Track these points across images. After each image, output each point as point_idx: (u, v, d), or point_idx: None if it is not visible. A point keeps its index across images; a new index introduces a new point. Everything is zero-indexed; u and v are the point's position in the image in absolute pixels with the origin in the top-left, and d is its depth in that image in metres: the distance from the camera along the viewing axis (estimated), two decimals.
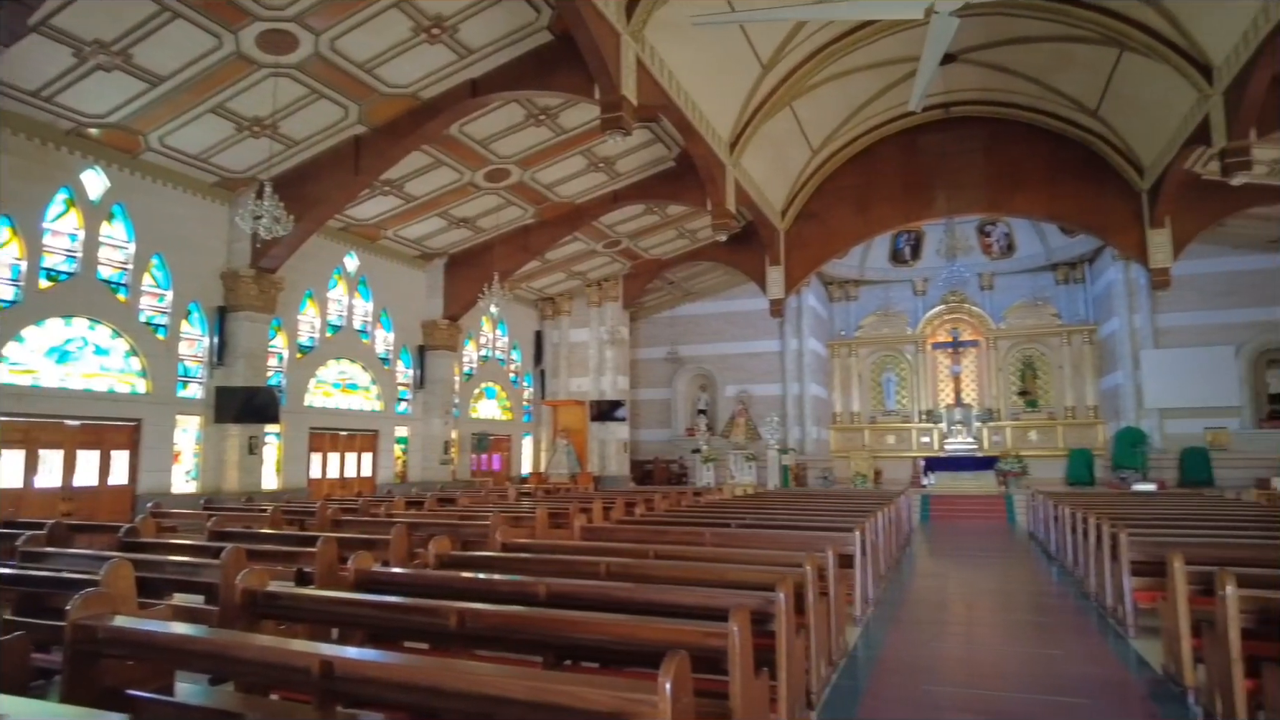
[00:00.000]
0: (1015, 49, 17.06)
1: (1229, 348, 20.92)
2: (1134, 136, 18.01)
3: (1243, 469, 19.93)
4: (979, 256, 25.77)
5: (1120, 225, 19.09)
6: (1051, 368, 24.63)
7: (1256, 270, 20.95)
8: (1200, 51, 13.76)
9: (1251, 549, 6.20)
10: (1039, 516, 13.86)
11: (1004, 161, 19.99)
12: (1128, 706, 5.13)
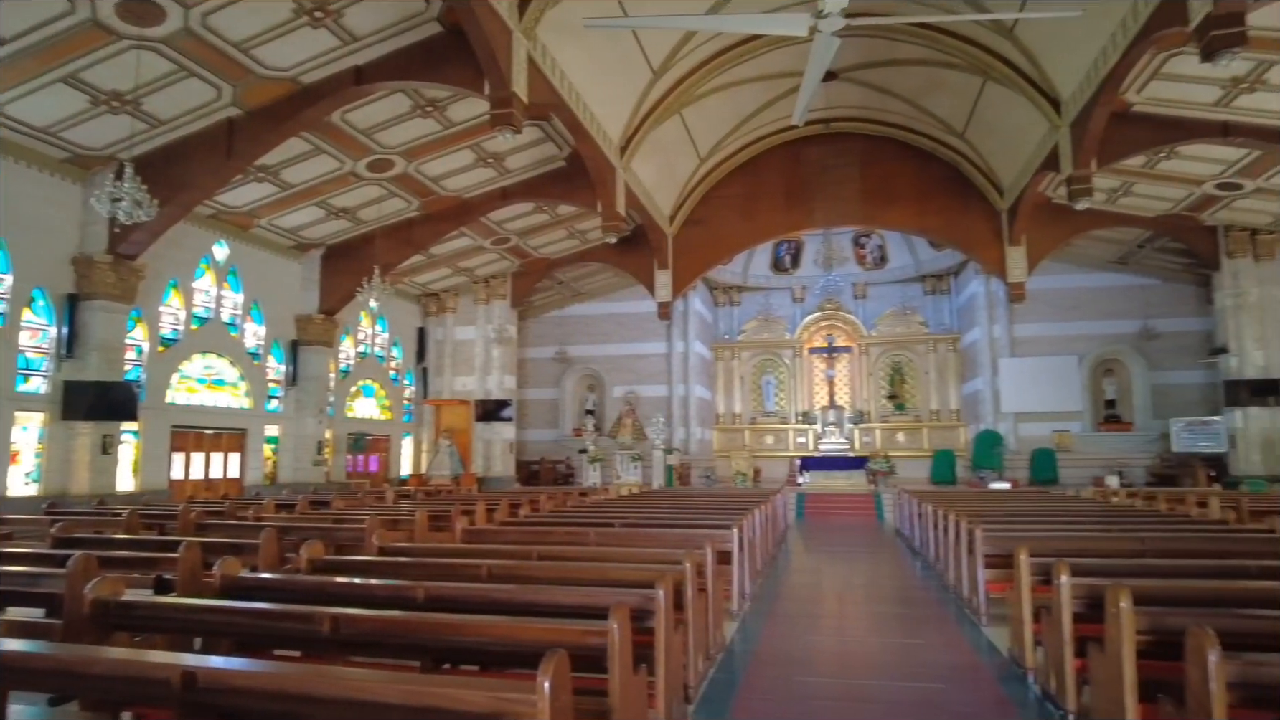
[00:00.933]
0: (892, 71, 18.03)
1: (1073, 357, 22.80)
2: (995, 159, 19.37)
3: (1083, 468, 21.77)
4: (854, 267, 27.04)
5: (982, 241, 20.50)
6: (918, 373, 26.12)
7: (1098, 287, 22.94)
8: (1051, 86, 14.96)
9: (1085, 541, 6.81)
10: (905, 514, 14.67)
11: (879, 177, 21.08)
12: (978, 689, 5.52)
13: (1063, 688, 4.51)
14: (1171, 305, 22.34)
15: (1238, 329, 19.63)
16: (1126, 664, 3.47)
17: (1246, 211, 18.54)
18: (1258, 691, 2.76)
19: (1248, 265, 19.50)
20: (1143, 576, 4.66)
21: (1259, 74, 12.78)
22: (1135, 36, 11.62)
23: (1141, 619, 3.51)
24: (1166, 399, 22.17)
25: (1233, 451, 19.78)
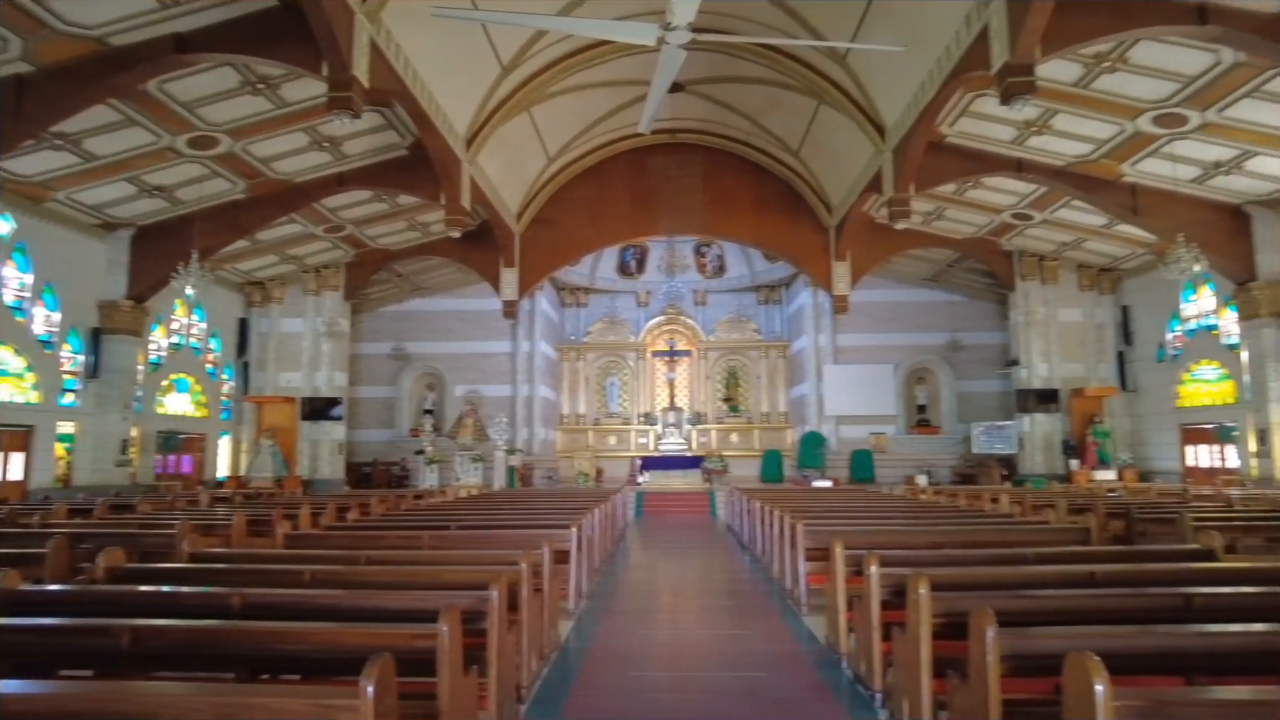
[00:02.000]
0: (735, 87, 18.80)
1: (890, 365, 24.72)
2: (826, 178, 20.63)
3: (897, 468, 23.61)
4: (695, 274, 27.97)
5: (811, 255, 21.78)
6: (751, 377, 27.37)
7: (913, 302, 24.99)
8: (877, 113, 16.14)
9: (895, 534, 7.40)
10: (736, 511, 15.33)
11: (720, 189, 21.89)
12: (796, 675, 5.87)
13: (871, 670, 4.90)
14: (975, 320, 24.71)
15: (1027, 343, 22.01)
16: (924, 644, 3.83)
17: (1036, 239, 20.84)
18: (1028, 661, 3.13)
19: (1036, 287, 21.92)
20: (940, 566, 5.14)
21: (1046, 119, 14.41)
22: (948, 75, 12.76)
23: (937, 603, 3.87)
24: (969, 405, 24.49)
25: (1021, 453, 22.14)
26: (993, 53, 10.91)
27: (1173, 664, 3.45)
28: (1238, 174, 15.10)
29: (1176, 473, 19.69)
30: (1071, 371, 21.89)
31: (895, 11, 13.18)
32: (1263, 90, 12.37)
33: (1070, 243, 20.57)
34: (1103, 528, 9.15)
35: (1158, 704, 2.32)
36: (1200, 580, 4.55)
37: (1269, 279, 16.05)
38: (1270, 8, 10.54)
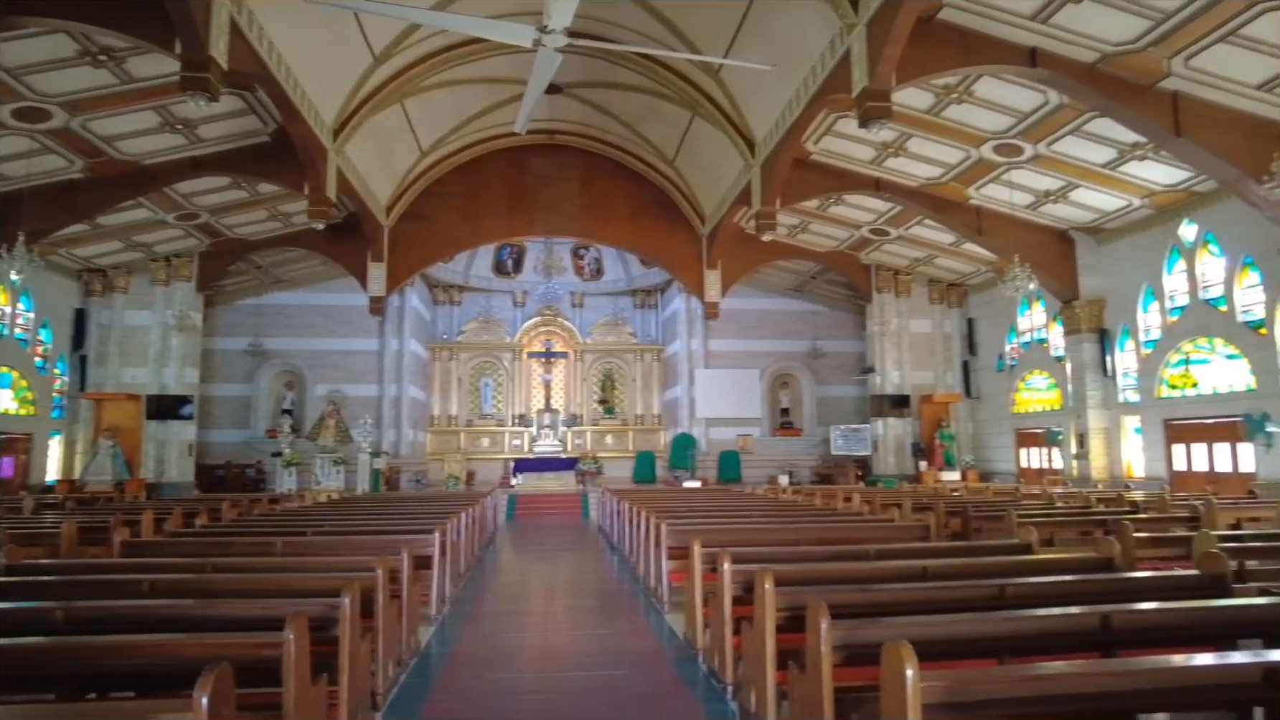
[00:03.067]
0: (613, 93, 19.01)
1: (756, 370, 25.66)
2: (699, 188, 21.20)
3: (762, 468, 24.52)
4: (572, 276, 28.04)
5: (685, 263, 22.32)
6: (627, 380, 27.71)
7: (779, 310, 26.06)
8: (748, 128, 16.75)
9: (752, 532, 7.74)
10: (607, 512, 15.49)
11: (597, 193, 22.07)
12: (655, 671, 6.04)
13: (724, 663, 5.12)
14: (835, 329, 26.03)
15: (882, 352, 23.37)
16: (768, 637, 4.05)
17: (892, 254, 22.19)
18: (860, 650, 3.38)
19: (891, 299, 23.33)
20: (790, 562, 5.44)
21: (902, 142, 15.41)
22: (814, 95, 13.44)
23: (782, 598, 4.11)
24: (829, 409, 25.76)
25: (875, 454, 23.50)
26: (854, 77, 11.57)
27: (988, 647, 3.82)
28: (1064, 203, 16.66)
29: (1012, 473, 21.45)
30: (921, 379, 23.44)
31: (766, 32, 13.74)
32: (1083, 130, 13.73)
33: (922, 259, 22.03)
34: (943, 525, 9.91)
35: (959, 684, 2.58)
36: (1013, 572, 5.04)
37: (1089, 298, 17.79)
38: (1087, 57, 11.73)
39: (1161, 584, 4.83)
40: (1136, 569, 6.68)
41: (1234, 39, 10.79)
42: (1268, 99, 11.72)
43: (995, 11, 11.32)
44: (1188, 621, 3.92)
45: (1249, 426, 14.00)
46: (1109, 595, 4.42)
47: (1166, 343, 16.27)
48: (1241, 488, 13.77)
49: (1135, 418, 17.28)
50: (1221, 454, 15.22)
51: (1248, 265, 14.45)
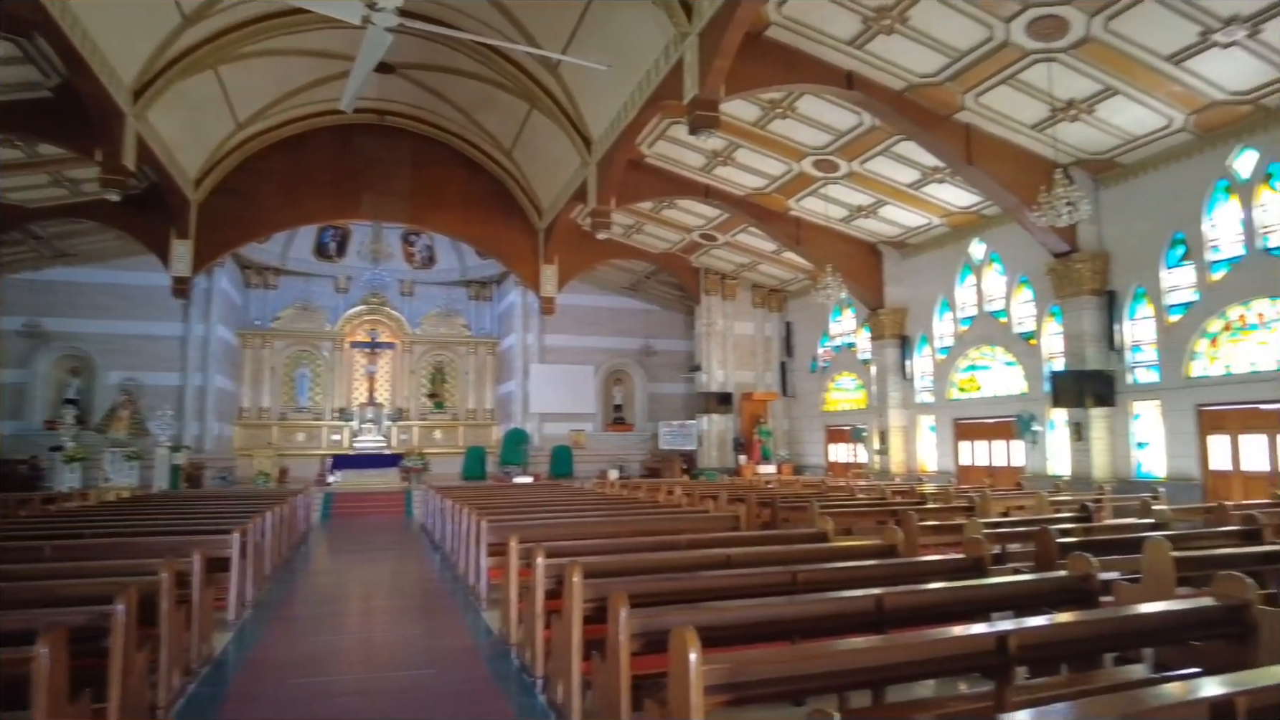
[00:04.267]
0: (449, 78, 18.49)
1: (591, 366, 25.90)
2: (537, 182, 21.09)
3: (594, 463, 24.78)
4: (402, 263, 27.02)
5: (520, 256, 22.12)
6: (459, 373, 27.10)
7: (613, 308, 26.44)
8: (585, 125, 16.85)
9: (575, 526, 7.83)
10: (430, 510, 15.11)
11: (429, 178, 21.38)
12: (467, 668, 5.98)
13: (535, 657, 5.15)
14: (667, 328, 26.76)
15: (708, 352, 24.33)
16: (575, 629, 4.13)
17: (719, 259, 23.12)
18: (658, 637, 3.52)
19: (718, 302, 24.33)
20: (605, 554, 5.56)
21: (730, 152, 16.11)
22: (648, 99, 13.74)
23: (591, 589, 4.19)
24: (659, 405, 26.46)
25: (700, 449, 24.40)
26: (685, 85, 11.94)
27: (779, 630, 4.08)
28: (874, 218, 18.05)
29: (822, 467, 22.98)
30: (743, 378, 24.61)
31: (605, 32, 13.88)
32: (892, 151, 14.94)
33: (747, 264, 23.12)
34: (754, 516, 10.46)
35: (739, 665, 2.76)
36: (808, 559, 5.42)
37: (892, 306, 19.38)
38: (896, 85, 12.78)
39: (934, 567, 5.36)
40: (920, 554, 7.40)
41: (1013, 82, 12.15)
42: (1039, 137, 13.29)
43: (817, 34, 12.08)
44: (950, 599, 4.38)
45: (1019, 426, 15.80)
46: (888, 579, 4.86)
47: (957, 350, 18.03)
48: (1012, 480, 15.52)
49: (930, 417, 19.01)
50: (998, 450, 17.08)
51: (1023, 283, 16.29)
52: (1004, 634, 3.23)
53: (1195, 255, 12.95)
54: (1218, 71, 11.05)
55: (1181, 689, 2.52)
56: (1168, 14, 10.15)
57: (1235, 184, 12.40)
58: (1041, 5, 10.48)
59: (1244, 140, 12.12)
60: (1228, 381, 12.44)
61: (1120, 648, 4.36)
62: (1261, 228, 12.08)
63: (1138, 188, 13.70)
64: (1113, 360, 14.07)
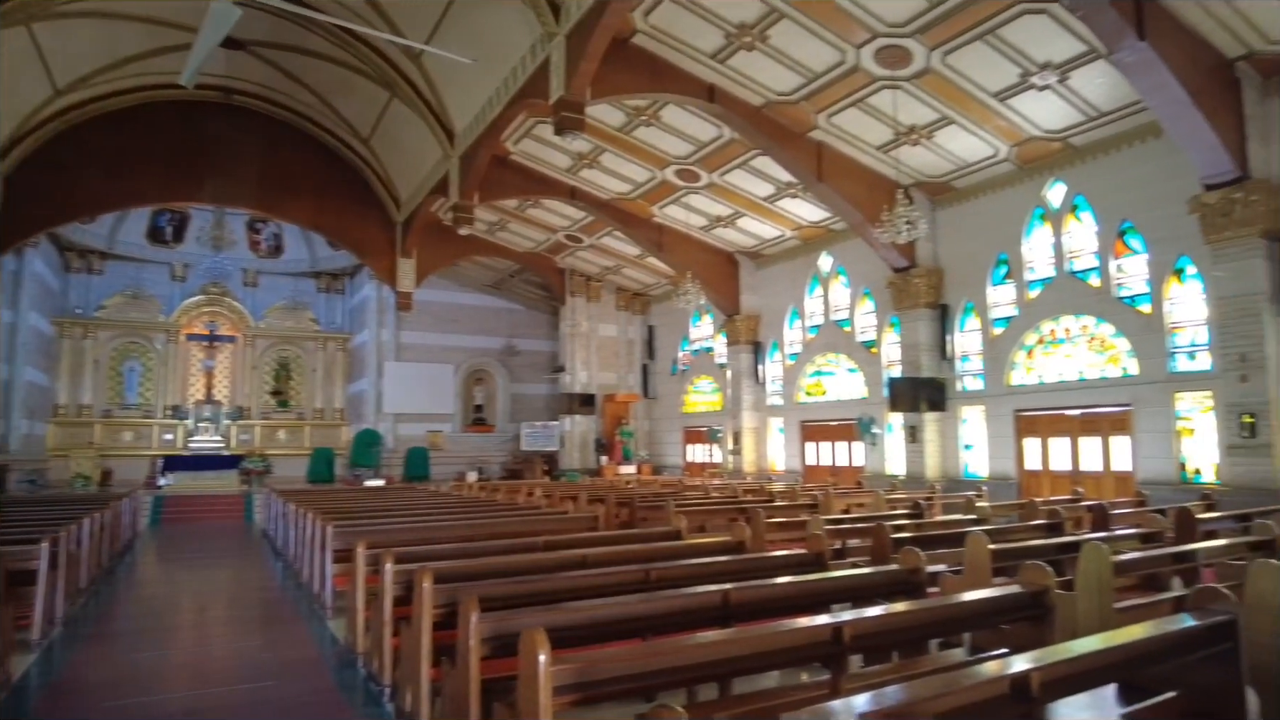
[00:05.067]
0: (304, 60, 17.56)
1: (450, 366, 25.31)
2: (396, 173, 20.39)
3: (452, 465, 24.23)
4: (246, 252, 25.40)
5: (377, 249, 21.30)
6: (306, 370, 25.75)
7: (475, 306, 25.98)
8: (448, 117, 16.47)
9: (426, 531, 7.62)
10: (272, 514, 14.27)
11: (280, 164, 20.20)
12: (310, 680, 5.69)
13: (383, 665, 4.98)
14: (530, 328, 26.58)
15: (572, 352, 24.37)
16: (425, 635, 4.03)
17: (585, 261, 23.22)
18: (507, 640, 3.49)
19: (583, 303, 24.42)
20: (459, 558, 5.45)
21: (596, 155, 16.21)
22: (514, 96, 13.61)
23: (441, 594, 4.10)
24: (522, 406, 26.23)
25: (563, 449, 24.38)
26: (552, 85, 11.93)
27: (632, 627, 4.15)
28: (732, 228, 18.68)
29: (680, 467, 23.51)
30: (606, 379, 24.83)
31: (471, 25, 13.64)
32: (749, 165, 15.53)
33: (612, 267, 23.34)
34: (612, 515, 10.57)
35: (589, 664, 2.80)
36: (661, 557, 5.54)
37: (747, 314, 20.12)
38: (755, 101, 13.31)
39: (778, 562, 5.62)
40: (768, 550, 7.73)
41: (862, 105, 12.93)
42: (884, 159, 14.20)
43: (682, 46, 12.39)
44: (792, 593, 4.60)
45: (860, 428, 16.80)
46: (735, 574, 5.05)
47: (805, 356, 18.95)
48: (853, 479, 16.48)
49: (779, 419, 19.88)
50: (841, 451, 18.09)
51: (866, 295, 17.34)
52: (839, 625, 3.44)
53: (1016, 274, 14.25)
54: (1035, 110, 12.23)
55: (989, 668, 2.77)
56: (995, 55, 11.14)
57: (1049, 212, 13.75)
58: (888, 35, 11.23)
59: (1055, 174, 13.47)
60: (1040, 390, 13.77)
61: (943, 634, 4.73)
62: (1069, 253, 13.46)
63: (969, 210, 14.92)
64: (944, 369, 15.24)
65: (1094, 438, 13.03)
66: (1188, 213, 10.97)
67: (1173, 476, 11.65)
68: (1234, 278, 10.62)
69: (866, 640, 3.77)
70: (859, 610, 3.99)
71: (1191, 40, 10.00)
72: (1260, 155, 10.46)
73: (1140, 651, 3.29)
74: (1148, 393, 12.05)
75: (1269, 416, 10.25)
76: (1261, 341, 10.34)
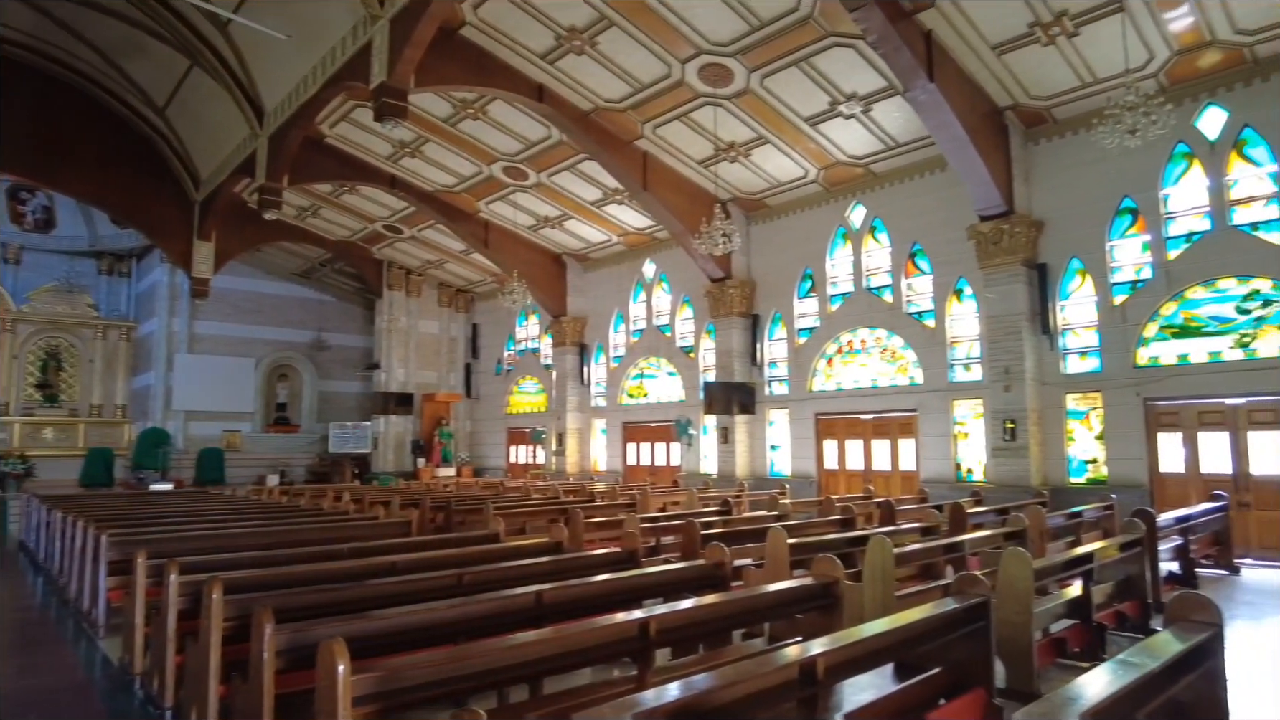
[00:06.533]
0: (87, 13, 15.63)
1: (251, 360, 23.50)
2: (196, 148, 18.66)
3: (251, 467, 22.52)
4: (8, 224, 22.27)
5: (171, 229, 19.38)
6: (81, 361, 22.99)
7: (282, 296, 24.28)
8: (257, 93, 15.30)
9: (218, 539, 7.05)
10: (34, 523, 12.62)
11: (56, 127, 17.85)
12: (79, 707, 5.09)
13: (164, 686, 4.55)
14: (342, 322, 25.23)
15: (389, 349, 23.39)
16: (213, 650, 3.73)
17: (405, 253, 22.38)
18: (305, 653, 3.31)
19: (401, 298, 23.51)
20: (256, 567, 5.09)
21: (419, 145, 15.69)
22: (331, 77, 12.89)
23: (232, 606, 3.82)
24: (330, 405, 24.82)
25: (376, 451, 23.33)
26: (373, 69, 11.41)
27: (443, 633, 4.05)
28: (560, 230, 18.73)
29: (503, 468, 23.22)
30: (426, 378, 24.05)
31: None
32: (577, 168, 15.65)
33: (434, 261, 22.66)
34: (430, 520, 10.26)
35: (391, 672, 2.72)
36: (476, 560, 5.46)
37: (574, 315, 20.25)
38: (584, 105, 13.44)
39: (593, 561, 5.71)
40: (587, 549, 7.82)
41: (686, 119, 13.41)
42: (704, 173, 14.80)
43: (513, 43, 12.27)
44: (605, 591, 4.70)
45: (678, 429, 17.39)
46: (551, 575, 5.08)
47: (628, 359, 19.35)
48: (670, 478, 17.01)
49: (603, 420, 20.15)
50: (660, 451, 18.63)
51: (685, 302, 17.97)
52: (645, 620, 3.55)
53: (819, 288, 15.32)
54: (841, 137, 13.23)
55: (779, 656, 2.98)
56: (808, 82, 11.93)
57: (850, 232, 14.91)
58: (712, 53, 11.72)
59: (857, 197, 14.63)
60: (838, 395, 14.88)
61: (745, 624, 5.01)
62: (867, 270, 14.65)
63: (780, 227, 15.87)
64: (755, 374, 16.10)
65: (884, 440, 14.27)
66: (966, 239, 12.31)
67: (950, 475, 12.98)
68: (1001, 299, 12.03)
69: (672, 634, 3.93)
70: (671, 605, 4.14)
71: (971, 88, 11.23)
72: (1023, 193, 11.95)
73: (912, 633, 3.66)
74: (930, 400, 13.37)
75: (1027, 422, 11.69)
76: (1022, 356, 11.78)
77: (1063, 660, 5.26)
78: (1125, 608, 6.25)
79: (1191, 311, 10.78)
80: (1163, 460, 11.01)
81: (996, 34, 10.36)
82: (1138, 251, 11.34)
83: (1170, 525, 7.79)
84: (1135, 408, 11.07)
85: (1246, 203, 10.47)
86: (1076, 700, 2.32)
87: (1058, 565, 5.48)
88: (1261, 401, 10.11)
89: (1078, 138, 11.57)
